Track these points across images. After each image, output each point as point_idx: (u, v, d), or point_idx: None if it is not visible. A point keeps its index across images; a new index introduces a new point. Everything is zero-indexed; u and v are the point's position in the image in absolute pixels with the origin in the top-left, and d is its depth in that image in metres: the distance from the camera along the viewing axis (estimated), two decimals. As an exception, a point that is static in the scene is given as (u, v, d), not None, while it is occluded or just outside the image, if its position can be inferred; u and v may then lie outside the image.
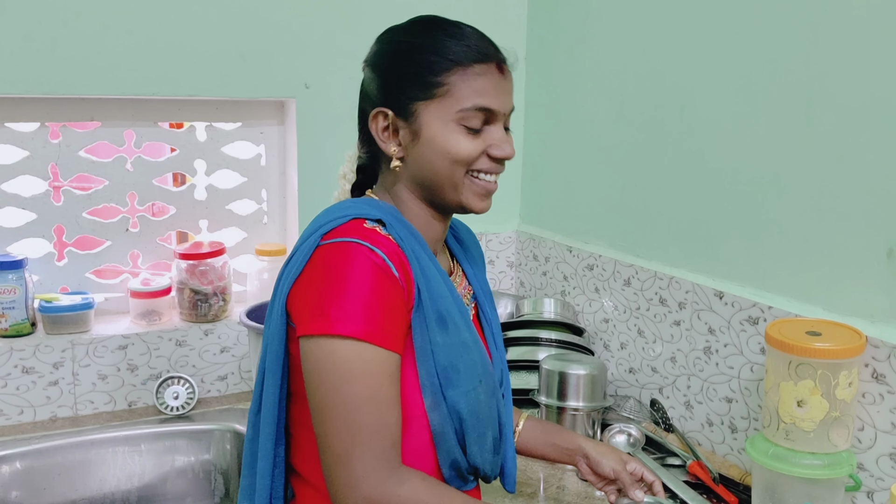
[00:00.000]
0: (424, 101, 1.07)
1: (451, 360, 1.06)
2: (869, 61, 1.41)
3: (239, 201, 2.18)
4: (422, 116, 1.08)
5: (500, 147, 1.11)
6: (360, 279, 0.98)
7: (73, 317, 1.94)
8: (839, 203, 1.47)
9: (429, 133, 1.08)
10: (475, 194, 1.12)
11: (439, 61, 1.06)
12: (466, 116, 1.07)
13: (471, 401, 1.08)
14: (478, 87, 1.07)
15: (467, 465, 1.12)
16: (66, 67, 1.84)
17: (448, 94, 1.06)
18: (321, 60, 2.08)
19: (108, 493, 1.89)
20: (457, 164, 1.08)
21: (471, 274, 1.27)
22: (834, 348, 1.34)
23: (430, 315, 1.05)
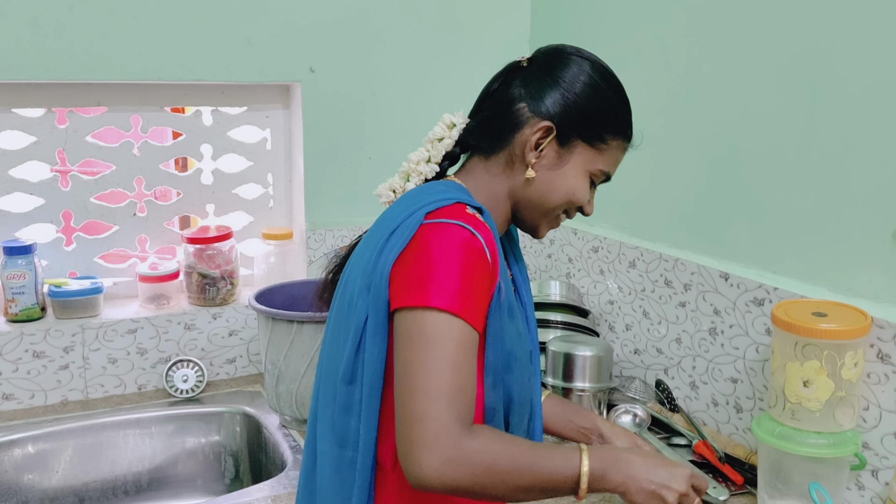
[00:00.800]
0: (585, 143, 1.16)
1: (512, 348, 1.12)
2: (876, 41, 1.41)
3: (245, 185, 2.19)
4: (575, 153, 1.16)
5: (592, 205, 1.23)
6: (461, 259, 1.03)
7: (82, 301, 1.95)
8: (845, 184, 1.48)
9: (571, 171, 1.17)
10: (549, 228, 1.24)
11: (616, 126, 1.17)
12: (598, 175, 1.20)
13: (520, 386, 1.15)
14: (618, 160, 1.21)
15: None
16: (73, 53, 1.84)
17: (603, 152, 1.17)
18: (326, 44, 2.08)
19: (120, 475, 1.91)
20: (569, 205, 1.19)
21: (512, 260, 1.31)
22: (840, 329, 1.35)
23: (504, 304, 1.11)
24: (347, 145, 2.16)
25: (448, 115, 1.24)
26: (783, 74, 1.58)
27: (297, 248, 2.19)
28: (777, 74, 1.59)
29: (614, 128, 1.17)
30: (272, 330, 1.75)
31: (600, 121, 1.16)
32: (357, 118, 2.16)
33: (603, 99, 1.16)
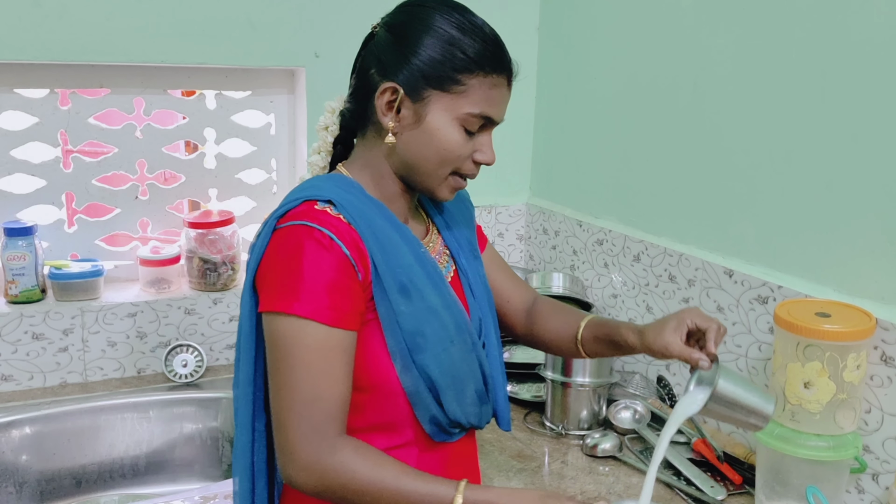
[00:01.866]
0: (438, 91, 1.09)
1: (416, 327, 1.11)
2: (886, 39, 1.38)
3: (248, 170, 2.17)
4: (431, 105, 1.10)
5: (485, 153, 1.15)
6: (306, 260, 1.03)
7: (82, 284, 1.95)
8: (852, 183, 1.45)
9: (432, 123, 1.10)
10: (450, 189, 1.17)
11: (466, 61, 1.09)
12: (470, 120, 1.11)
13: (442, 362, 1.13)
14: (490, 97, 1.11)
15: (447, 420, 1.17)
16: (75, 34, 1.83)
17: (462, 95, 1.09)
18: (331, 29, 2.06)
19: (117, 458, 1.91)
20: (446, 160, 1.12)
21: (447, 234, 1.29)
22: (842, 330, 1.33)
23: (391, 285, 1.09)
24: (352, 132, 2.14)
25: (329, 101, 1.24)
26: (792, 68, 1.54)
27: (300, 235, 2.17)
28: (786, 68, 1.56)
29: (465, 65, 1.08)
30: (270, 317, 1.74)
31: (445, 63, 1.08)
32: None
33: (443, 39, 1.09)
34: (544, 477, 1.59)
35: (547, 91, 2.31)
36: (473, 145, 1.13)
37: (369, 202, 1.14)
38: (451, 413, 1.16)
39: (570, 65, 2.20)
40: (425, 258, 1.17)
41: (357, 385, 1.11)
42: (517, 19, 2.28)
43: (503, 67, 1.12)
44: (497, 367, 1.27)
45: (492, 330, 1.29)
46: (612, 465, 1.64)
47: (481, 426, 1.25)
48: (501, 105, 1.14)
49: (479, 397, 1.21)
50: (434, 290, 1.15)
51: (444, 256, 1.26)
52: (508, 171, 2.38)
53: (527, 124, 2.37)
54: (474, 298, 1.28)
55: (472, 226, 1.37)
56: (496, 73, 1.11)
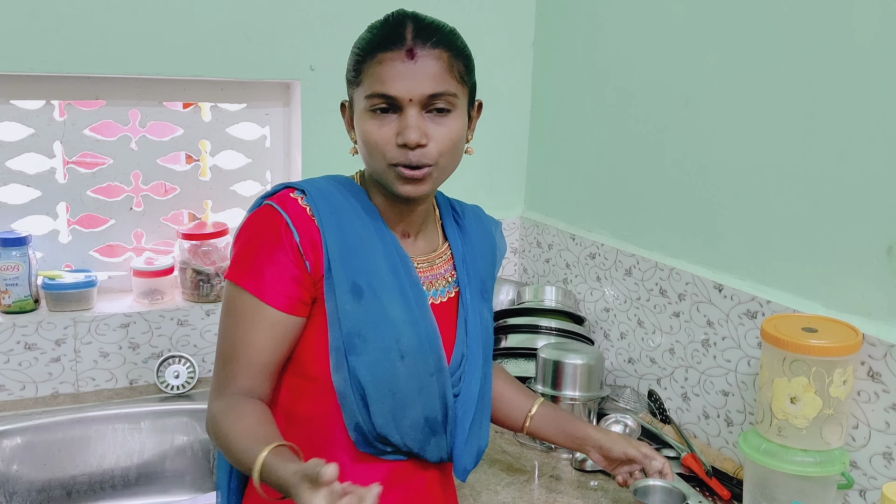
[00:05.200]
0: (353, 89, 1.15)
1: (358, 329, 1.12)
2: (873, 57, 1.39)
3: (243, 182, 2.18)
4: (354, 105, 1.16)
5: (403, 134, 1.09)
6: (255, 235, 1.12)
7: (75, 294, 1.95)
8: (840, 198, 1.46)
9: (356, 119, 1.15)
10: (398, 182, 1.12)
11: (356, 53, 1.14)
12: (371, 103, 1.10)
13: (378, 372, 1.13)
14: (378, 75, 1.09)
15: (374, 432, 1.15)
16: (71, 46, 1.84)
17: (360, 84, 1.12)
18: (326, 42, 2.07)
19: (108, 469, 1.91)
20: (371, 151, 1.12)
21: (460, 263, 1.27)
22: (829, 346, 1.33)
23: (342, 283, 1.12)
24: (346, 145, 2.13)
25: None
26: (782, 85, 1.55)
27: (294, 247, 2.18)
28: (776, 85, 1.57)
29: (358, 58, 1.13)
30: (261, 329, 1.74)
31: (350, 64, 1.15)
32: (357, 118, 2.15)
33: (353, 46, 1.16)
34: (533, 491, 1.59)
35: (542, 106, 2.32)
36: (395, 129, 1.09)
37: (359, 205, 1.17)
38: (378, 427, 1.14)
39: (565, 80, 2.21)
40: (405, 272, 1.17)
41: (301, 372, 1.15)
42: (512, 35, 2.30)
43: (390, 42, 1.09)
44: (468, 407, 1.23)
45: (477, 372, 1.25)
46: (601, 480, 1.63)
47: (428, 458, 1.21)
48: (399, 78, 1.08)
49: (430, 426, 1.18)
50: (401, 303, 1.15)
51: (442, 280, 1.25)
52: (503, 185, 2.38)
53: (522, 138, 2.38)
54: (466, 334, 1.25)
55: (491, 269, 1.36)
56: (382, 51, 1.09)
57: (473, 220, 1.36)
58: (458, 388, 1.23)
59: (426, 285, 1.22)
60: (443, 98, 1.10)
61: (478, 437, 1.27)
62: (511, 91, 2.32)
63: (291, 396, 1.18)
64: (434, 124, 1.11)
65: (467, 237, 1.32)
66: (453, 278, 1.27)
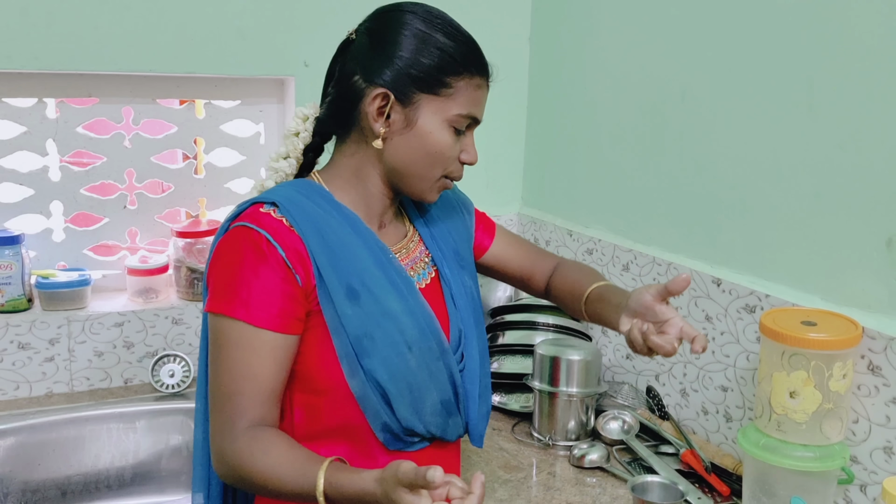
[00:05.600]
0: (428, 94, 1.11)
1: (364, 330, 1.10)
2: (872, 49, 1.37)
3: (238, 180, 2.16)
4: (422, 108, 1.12)
5: (469, 153, 1.18)
6: (235, 260, 1.07)
7: (69, 293, 1.94)
8: (839, 191, 1.44)
9: (424, 126, 1.12)
10: (438, 192, 1.20)
11: (454, 64, 1.11)
12: (459, 121, 1.14)
13: (392, 368, 1.11)
14: (475, 98, 1.15)
15: (401, 427, 1.15)
16: (63, 42, 1.83)
17: (451, 97, 1.12)
18: (321, 38, 2.04)
19: (103, 469, 1.90)
20: (437, 162, 1.14)
21: (429, 241, 1.28)
22: (828, 339, 1.31)
23: (337, 288, 1.10)
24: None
25: (300, 107, 1.25)
26: (780, 77, 1.54)
27: (289, 244, 2.17)
28: (774, 77, 1.55)
29: (452, 68, 1.11)
30: (255, 327, 1.73)
31: (433, 67, 1.10)
32: (352, 114, 2.13)
33: (428, 44, 1.11)
34: (531, 488, 1.57)
35: (538, 101, 2.30)
36: (459, 146, 1.16)
37: (329, 207, 1.14)
38: (404, 421, 1.14)
39: (562, 75, 2.19)
40: (389, 264, 1.16)
41: (311, 388, 1.12)
42: (509, 29, 2.28)
43: (484, 69, 1.16)
44: (474, 379, 1.25)
45: (474, 342, 1.27)
46: (599, 477, 1.62)
47: (449, 439, 1.23)
48: (483, 105, 1.18)
49: (446, 408, 1.19)
50: (395, 296, 1.14)
51: (420, 263, 1.26)
52: (500, 181, 2.37)
53: (518, 134, 2.36)
54: (456, 308, 1.26)
55: (464, 233, 1.35)
56: (479, 74, 1.15)
57: None
58: (462, 364, 1.24)
59: (409, 272, 1.22)
60: None
61: (485, 401, 1.29)
62: (507, 87, 2.31)
63: (308, 416, 1.15)
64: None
65: (427, 213, 1.32)
66: (429, 258, 1.27)
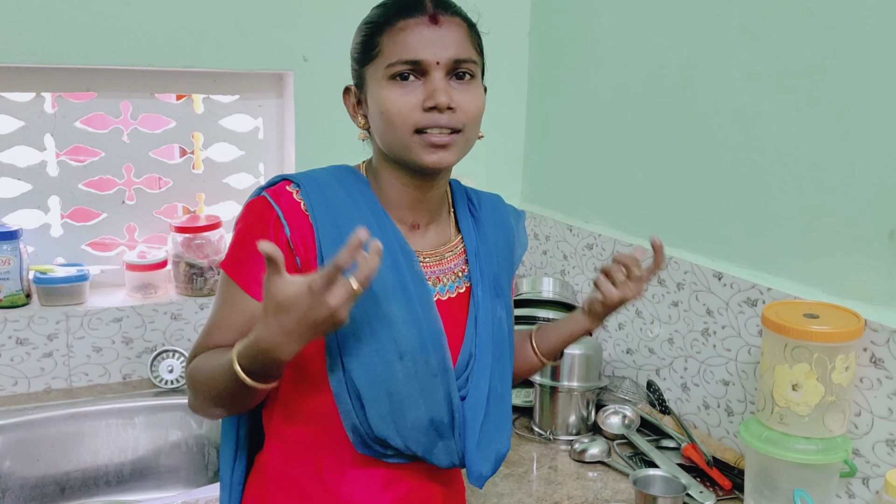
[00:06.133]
0: (367, 66, 1.11)
1: (353, 330, 1.07)
2: (874, 40, 1.37)
3: (236, 175, 2.16)
4: (368, 82, 1.11)
5: (432, 96, 1.05)
6: (247, 228, 1.10)
7: (67, 289, 1.93)
8: (841, 184, 1.44)
9: (372, 95, 1.10)
10: (424, 150, 1.08)
11: (372, 26, 1.10)
12: (395, 72, 1.07)
13: (373, 374, 1.07)
14: (402, 41, 1.07)
15: (372, 434, 1.09)
16: (61, 37, 1.82)
17: (380, 55, 1.08)
18: (319, 33, 2.05)
19: (101, 465, 1.89)
20: (394, 121, 1.07)
21: (473, 253, 1.21)
22: (830, 331, 1.31)
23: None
24: (340, 136, 2.11)
25: None
26: (782, 70, 1.53)
27: (288, 240, 2.16)
28: (776, 70, 1.55)
29: (376, 30, 1.09)
30: (255, 321, 1.72)
31: (362, 41, 1.12)
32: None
33: (360, 25, 1.14)
34: (532, 482, 1.57)
35: (538, 96, 2.29)
36: (420, 95, 1.06)
37: (360, 196, 1.13)
38: (376, 429, 1.08)
39: (561, 70, 2.19)
40: (407, 268, 1.11)
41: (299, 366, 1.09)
42: (508, 24, 2.27)
43: (411, 10, 1.08)
44: (477, 411, 1.16)
45: (486, 373, 1.18)
46: (600, 471, 1.62)
47: (437, 463, 1.14)
48: (425, 44, 1.06)
49: (436, 429, 1.11)
50: (401, 302, 1.09)
51: (451, 275, 1.19)
52: (500, 176, 2.36)
53: (518, 129, 2.36)
54: (476, 333, 1.18)
55: (507, 266, 1.27)
56: (402, 18, 1.07)
57: (490, 210, 1.27)
58: (465, 391, 1.15)
59: (432, 281, 1.15)
60: (467, 64, 1.08)
61: (495, 441, 1.18)
62: (507, 81, 2.30)
63: (292, 389, 1.13)
64: (459, 91, 1.08)
65: (482, 229, 1.24)
66: (464, 273, 1.20)
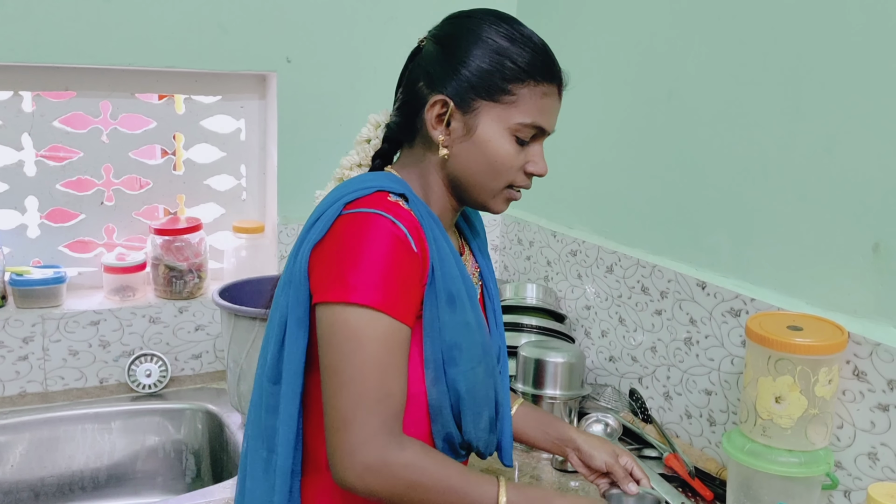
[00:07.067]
0: (488, 101, 1.08)
1: (455, 339, 1.08)
2: (860, 53, 1.36)
3: (217, 176, 2.13)
4: (481, 116, 1.09)
5: (537, 164, 1.13)
6: (380, 249, 0.99)
7: (44, 291, 1.90)
8: (826, 195, 1.43)
9: (483, 134, 1.09)
10: (504, 202, 1.15)
11: (515, 70, 1.08)
12: (522, 130, 1.09)
13: (469, 380, 1.10)
14: (541, 106, 1.10)
15: (461, 439, 1.14)
16: (40, 35, 1.79)
17: (513, 105, 1.08)
18: (303, 34, 2.02)
19: (77, 470, 1.86)
20: (499, 172, 1.10)
21: (479, 257, 1.28)
22: (814, 344, 1.30)
23: (441, 293, 1.07)
24: (323, 139, 2.11)
25: (373, 114, 1.22)
26: (767, 80, 1.53)
27: (269, 243, 2.14)
28: (761, 80, 1.54)
29: (515, 74, 1.08)
30: (234, 326, 1.70)
31: (494, 73, 1.08)
32: (334, 111, 2.11)
33: (491, 49, 1.08)
34: (513, 492, 1.55)
35: (522, 100, 2.28)
36: (525, 156, 1.12)
37: (426, 205, 1.12)
38: (466, 434, 1.13)
39: (546, 74, 2.17)
40: (466, 273, 1.14)
41: None
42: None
43: (553, 76, 1.12)
44: (506, 402, 1.25)
45: (507, 365, 1.28)
46: (581, 481, 1.60)
47: (485, 455, 1.22)
48: (552, 114, 1.13)
49: (491, 425, 1.18)
50: (471, 307, 1.12)
51: (475, 274, 1.24)
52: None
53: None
54: (496, 326, 1.26)
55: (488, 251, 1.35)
56: (546, 81, 1.11)
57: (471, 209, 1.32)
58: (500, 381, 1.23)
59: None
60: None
61: (510, 423, 1.27)
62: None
63: None
64: None
65: (473, 228, 1.30)
66: (478, 272, 1.26)
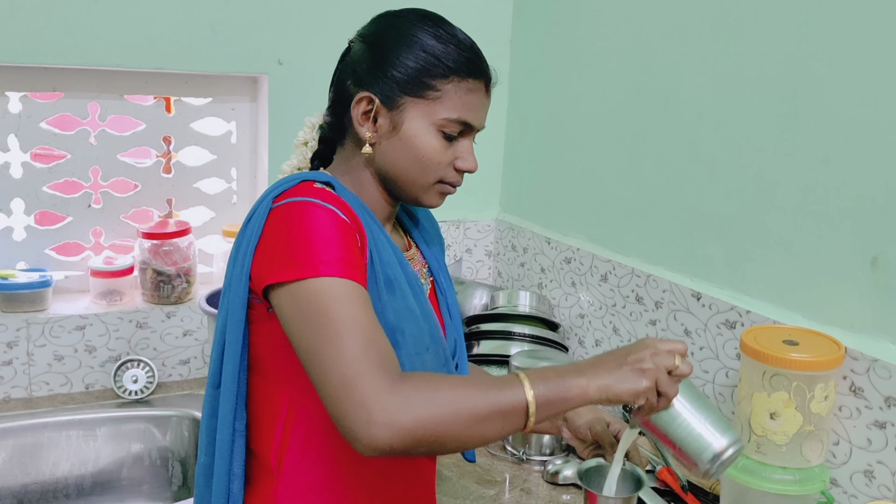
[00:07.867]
0: (413, 98, 1.08)
1: (398, 323, 1.07)
2: (858, 62, 1.34)
3: (207, 179, 2.10)
4: (406, 112, 1.09)
5: (466, 160, 1.12)
6: (318, 226, 0.99)
7: (29, 295, 1.87)
8: (824, 207, 1.41)
9: (409, 130, 1.09)
10: (437, 196, 1.15)
11: (439, 66, 1.08)
12: (448, 125, 1.09)
13: (413, 366, 1.09)
14: (467, 102, 1.10)
15: None
16: (27, 35, 1.76)
17: (438, 101, 1.08)
18: (295, 36, 2.00)
19: (61, 477, 1.83)
20: (426, 168, 1.10)
21: (426, 251, 1.27)
22: (810, 360, 1.28)
23: (379, 276, 1.06)
24: (315, 142, 2.08)
25: (308, 117, 1.21)
26: (765, 89, 1.50)
27: (260, 247, 2.11)
28: (759, 89, 1.51)
29: (438, 71, 1.08)
30: (221, 334, 1.67)
31: (419, 69, 1.07)
32: (327, 114, 2.08)
33: (415, 47, 1.08)
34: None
35: (518, 106, 2.26)
36: (454, 152, 1.12)
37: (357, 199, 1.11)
38: None
39: (542, 79, 2.15)
40: (407, 264, 1.14)
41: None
42: (489, 32, 2.23)
43: (479, 72, 1.11)
44: None
45: (465, 353, 1.27)
46: (573, 494, 1.58)
47: None
48: (480, 110, 1.12)
49: None
50: (414, 295, 1.11)
51: (423, 271, 1.24)
52: (478, 186, 2.32)
53: (498, 139, 2.32)
54: (451, 319, 1.25)
55: (443, 250, 1.35)
56: (472, 77, 1.10)
57: (421, 210, 1.34)
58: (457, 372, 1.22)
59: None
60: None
61: None
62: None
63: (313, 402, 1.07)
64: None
65: (422, 228, 1.30)
66: (427, 268, 1.25)
